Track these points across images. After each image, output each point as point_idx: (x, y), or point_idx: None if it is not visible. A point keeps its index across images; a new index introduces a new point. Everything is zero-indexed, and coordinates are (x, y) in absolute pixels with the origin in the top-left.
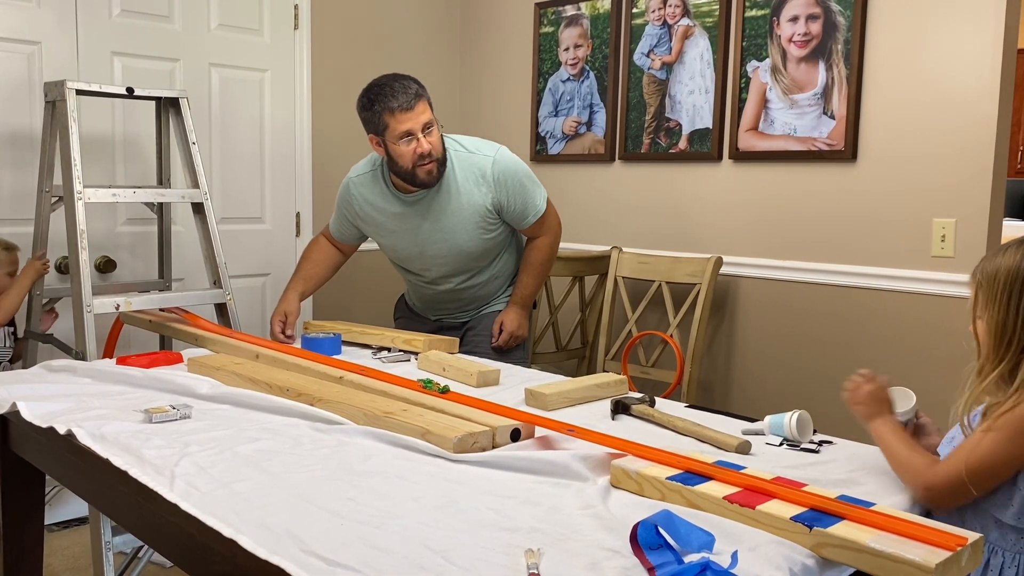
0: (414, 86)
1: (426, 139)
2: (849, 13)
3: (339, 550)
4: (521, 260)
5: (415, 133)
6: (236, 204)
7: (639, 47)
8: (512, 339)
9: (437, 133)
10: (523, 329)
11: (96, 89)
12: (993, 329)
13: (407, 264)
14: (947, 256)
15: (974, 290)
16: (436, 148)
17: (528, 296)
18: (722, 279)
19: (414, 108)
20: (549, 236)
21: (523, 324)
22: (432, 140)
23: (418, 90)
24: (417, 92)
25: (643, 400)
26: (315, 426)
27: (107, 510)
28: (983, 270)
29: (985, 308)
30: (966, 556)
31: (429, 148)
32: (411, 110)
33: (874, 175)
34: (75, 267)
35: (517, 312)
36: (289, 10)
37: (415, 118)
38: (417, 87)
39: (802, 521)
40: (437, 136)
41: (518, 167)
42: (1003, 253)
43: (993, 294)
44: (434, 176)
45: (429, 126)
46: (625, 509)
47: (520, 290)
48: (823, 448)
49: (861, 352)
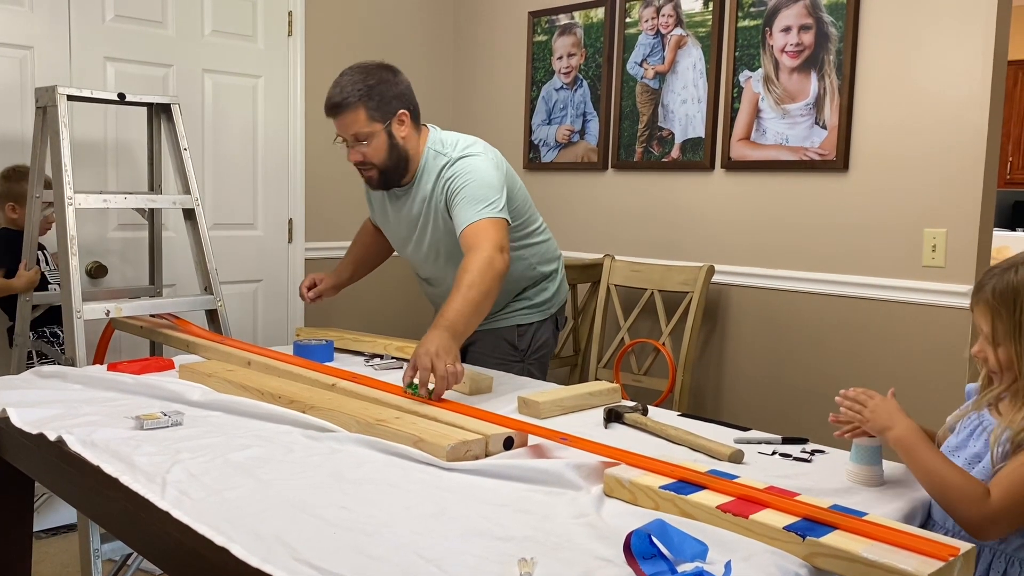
0: (355, 90)
1: (356, 150)
2: (841, 24)
3: (331, 558)
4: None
5: (344, 138)
6: (228, 210)
7: (632, 56)
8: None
9: (379, 146)
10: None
11: (87, 95)
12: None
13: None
14: (938, 266)
15: (990, 317)
16: (373, 159)
17: (453, 321)
18: (714, 287)
19: (338, 116)
20: (472, 258)
21: (443, 351)
22: (366, 151)
23: (356, 96)
24: (349, 99)
25: (636, 408)
26: (307, 433)
27: (97, 517)
28: (997, 294)
29: (1009, 335)
30: (958, 566)
31: (359, 159)
32: (335, 116)
33: (866, 185)
34: (65, 273)
35: (436, 335)
36: (283, 17)
37: (342, 126)
38: (359, 92)
39: (795, 531)
40: (377, 149)
41: (480, 171)
42: (1014, 272)
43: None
44: (375, 183)
45: (363, 138)
46: (618, 518)
47: (444, 310)
48: (816, 457)
49: (852, 361)
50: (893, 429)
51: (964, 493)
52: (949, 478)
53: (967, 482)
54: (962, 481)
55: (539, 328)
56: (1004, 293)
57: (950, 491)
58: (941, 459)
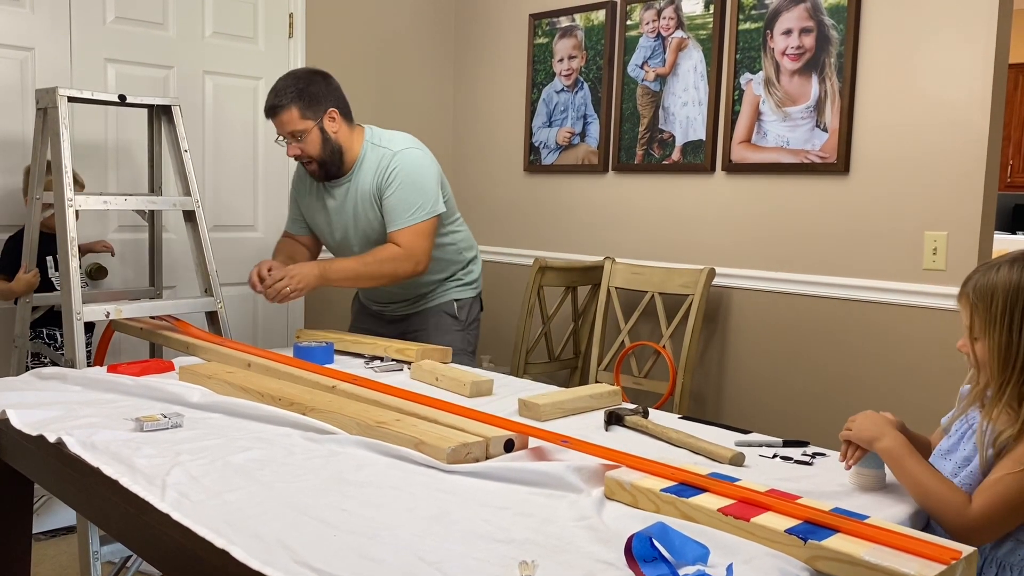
0: (289, 92)
1: (295, 145)
2: (842, 27)
3: (332, 560)
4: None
5: (284, 136)
6: (229, 212)
7: (633, 59)
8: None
9: (314, 140)
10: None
11: (88, 96)
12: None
13: (336, 252)
14: (939, 269)
15: (968, 311)
16: (308, 153)
17: (335, 270)
18: (715, 290)
19: (276, 116)
20: (400, 252)
21: (301, 276)
22: (303, 146)
23: (290, 98)
24: (284, 100)
25: (637, 411)
26: (307, 436)
27: (96, 519)
28: (977, 289)
29: (983, 330)
30: (960, 569)
31: (296, 153)
32: (273, 117)
33: (866, 188)
34: (65, 274)
35: (308, 268)
36: (284, 18)
37: (279, 125)
38: (293, 94)
39: (797, 534)
40: (312, 143)
41: (418, 172)
42: (995, 270)
43: (992, 316)
44: (317, 175)
45: (298, 135)
46: (619, 521)
47: (336, 261)
48: (817, 460)
49: (853, 364)
50: (880, 440)
51: (945, 503)
52: (931, 488)
53: (949, 491)
54: (944, 490)
55: (472, 303)
56: (983, 289)
57: (932, 500)
58: (926, 468)
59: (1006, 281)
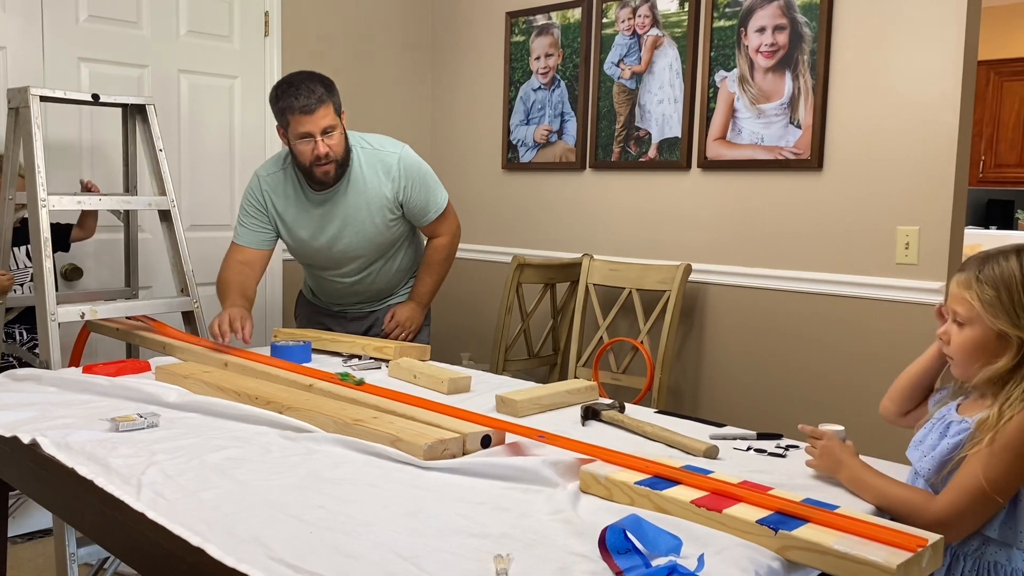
0: (320, 90)
1: (324, 142)
2: (815, 24)
3: (308, 557)
4: (422, 259)
5: (314, 135)
6: (205, 211)
7: (609, 57)
8: (399, 328)
9: (339, 136)
10: (412, 322)
11: (61, 96)
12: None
13: (315, 259)
14: (911, 263)
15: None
16: (335, 151)
17: (425, 293)
18: (691, 286)
19: (314, 112)
20: (448, 236)
21: (414, 317)
22: (331, 143)
23: (323, 95)
24: (320, 97)
25: (613, 406)
26: (284, 434)
27: (72, 520)
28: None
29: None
30: (927, 557)
31: (327, 151)
32: (311, 114)
33: (840, 184)
34: (39, 275)
35: (412, 307)
36: (259, 17)
37: (315, 122)
38: (323, 91)
39: (768, 524)
40: (338, 139)
41: (422, 165)
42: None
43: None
44: (330, 177)
45: (330, 130)
46: (594, 514)
47: (419, 287)
48: (790, 452)
49: (827, 357)
50: (841, 472)
51: (908, 504)
52: (893, 494)
53: (909, 493)
54: (905, 493)
55: None
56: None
57: (897, 506)
58: (884, 480)
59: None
